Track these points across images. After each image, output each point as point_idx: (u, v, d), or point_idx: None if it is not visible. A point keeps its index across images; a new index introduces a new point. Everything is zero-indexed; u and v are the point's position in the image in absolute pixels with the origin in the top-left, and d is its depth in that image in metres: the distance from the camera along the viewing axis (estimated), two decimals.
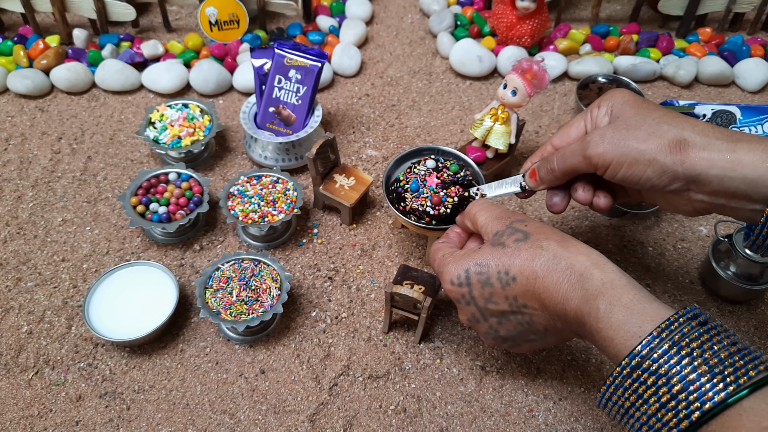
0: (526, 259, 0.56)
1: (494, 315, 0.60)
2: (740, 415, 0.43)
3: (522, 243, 0.57)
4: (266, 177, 0.83)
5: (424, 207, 0.72)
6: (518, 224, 0.60)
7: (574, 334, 0.57)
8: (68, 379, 0.71)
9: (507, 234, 0.59)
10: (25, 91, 0.98)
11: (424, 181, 0.74)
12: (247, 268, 0.74)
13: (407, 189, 0.74)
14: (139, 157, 0.93)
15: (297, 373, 0.72)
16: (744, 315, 0.78)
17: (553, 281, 0.54)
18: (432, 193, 0.73)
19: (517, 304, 0.58)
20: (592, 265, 0.53)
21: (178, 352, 0.73)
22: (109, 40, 1.04)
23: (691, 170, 0.55)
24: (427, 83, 1.05)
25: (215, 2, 1.01)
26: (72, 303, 0.77)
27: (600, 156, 0.59)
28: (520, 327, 0.60)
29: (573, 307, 0.53)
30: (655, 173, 0.57)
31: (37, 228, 0.84)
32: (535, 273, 0.55)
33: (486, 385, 0.71)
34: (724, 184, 0.55)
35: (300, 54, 0.88)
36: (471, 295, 0.60)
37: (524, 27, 1.03)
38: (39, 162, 0.91)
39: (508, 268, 0.57)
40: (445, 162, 0.77)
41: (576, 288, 0.53)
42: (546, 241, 0.56)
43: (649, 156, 0.56)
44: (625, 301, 0.50)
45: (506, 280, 0.57)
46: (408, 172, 0.76)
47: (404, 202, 0.74)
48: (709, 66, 1.03)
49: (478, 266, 0.59)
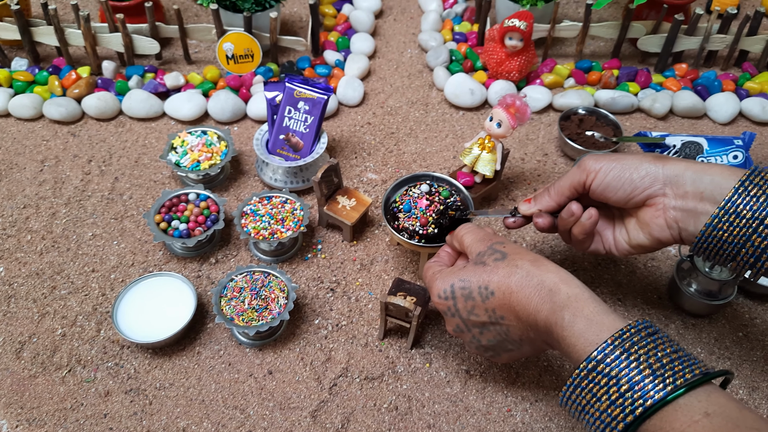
0: (503, 276, 0.63)
1: (476, 326, 0.67)
2: (676, 411, 0.50)
3: (500, 262, 0.65)
4: (276, 197, 0.92)
5: (414, 227, 0.81)
6: (498, 245, 0.68)
7: (544, 343, 0.64)
8: (98, 376, 0.79)
9: (488, 254, 0.67)
10: (59, 117, 1.08)
11: (416, 203, 0.83)
12: (258, 280, 0.83)
13: (401, 209, 0.83)
14: (162, 178, 1.02)
15: (301, 374, 0.80)
16: (705, 328, 0.86)
17: (526, 295, 0.61)
18: (421, 215, 0.82)
19: (496, 315, 0.65)
20: (560, 281, 0.61)
21: (195, 354, 0.82)
22: (135, 72, 1.14)
23: (670, 172, 0.66)
24: (424, 113, 1.15)
25: (232, 38, 1.11)
26: (101, 309, 0.86)
27: (593, 165, 0.70)
28: (498, 337, 0.67)
29: (543, 318, 0.60)
30: (639, 176, 0.67)
31: (70, 242, 0.93)
32: (510, 288, 0.63)
33: (470, 387, 0.79)
34: (696, 185, 0.65)
35: (308, 87, 0.98)
36: (456, 307, 0.67)
37: (512, 63, 1.12)
38: (71, 182, 1.01)
39: (488, 283, 0.64)
40: (438, 188, 0.86)
41: (545, 301, 0.60)
42: (521, 260, 0.64)
43: (636, 162, 0.68)
44: (587, 313, 0.57)
45: (486, 294, 0.64)
46: (404, 194, 0.85)
47: (397, 221, 0.83)
48: (683, 99, 1.12)
49: (462, 282, 0.66)
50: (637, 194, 0.68)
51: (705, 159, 0.99)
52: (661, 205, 0.68)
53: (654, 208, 0.68)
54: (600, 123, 1.07)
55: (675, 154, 1.00)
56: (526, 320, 0.62)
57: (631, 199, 0.69)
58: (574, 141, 1.03)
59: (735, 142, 0.99)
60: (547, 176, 1.04)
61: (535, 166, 1.06)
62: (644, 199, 0.69)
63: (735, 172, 0.64)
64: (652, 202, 0.68)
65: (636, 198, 0.69)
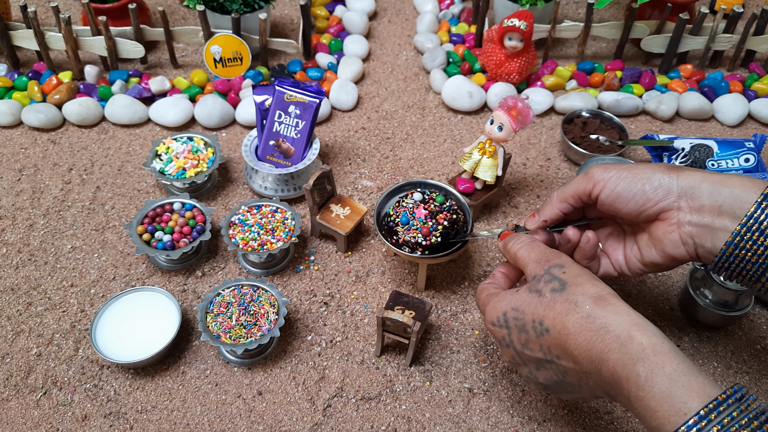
0: (559, 313, 0.56)
1: (532, 361, 0.60)
2: None
3: (557, 294, 0.57)
4: (266, 207, 0.88)
5: (416, 239, 0.76)
6: (556, 270, 0.59)
7: (607, 394, 0.55)
8: (75, 399, 0.74)
9: (545, 280, 0.59)
10: (38, 124, 1.03)
11: (413, 213, 0.78)
12: (246, 294, 0.78)
13: (398, 223, 0.78)
14: (146, 187, 0.97)
15: (293, 394, 0.75)
16: (721, 340, 0.81)
17: (586, 339, 0.53)
18: (422, 225, 0.77)
19: (551, 354, 0.57)
20: (632, 327, 0.52)
21: (180, 373, 0.77)
22: (119, 76, 1.10)
23: (685, 183, 0.60)
24: (421, 117, 1.10)
25: (220, 41, 1.06)
26: (79, 326, 0.81)
27: (601, 174, 0.65)
28: (555, 377, 0.59)
29: (608, 368, 0.52)
30: (652, 187, 0.62)
31: (48, 255, 0.88)
32: (567, 329, 0.55)
33: (473, 406, 0.75)
34: (714, 197, 0.59)
35: (299, 91, 0.93)
36: (510, 338, 0.61)
37: (512, 65, 1.08)
38: (50, 192, 0.96)
39: (542, 318, 0.57)
40: (431, 194, 0.81)
41: (612, 350, 0.51)
42: (582, 296, 0.55)
43: (649, 173, 0.62)
44: (669, 371, 0.49)
45: (540, 330, 0.57)
46: (397, 206, 0.80)
47: (396, 236, 0.78)
48: (690, 101, 1.08)
49: (515, 312, 0.60)
50: (650, 207, 0.63)
51: (715, 162, 0.94)
52: (675, 220, 0.62)
53: (667, 223, 0.63)
54: (605, 126, 1.02)
55: (684, 157, 0.96)
56: (586, 367, 0.54)
57: (643, 212, 0.63)
58: (578, 145, 0.99)
59: (746, 144, 0.95)
60: (551, 182, 0.99)
61: (537, 171, 1.01)
62: (657, 212, 0.63)
63: (757, 184, 0.58)
64: (665, 216, 0.63)
65: (648, 211, 0.63)
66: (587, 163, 0.95)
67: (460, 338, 0.81)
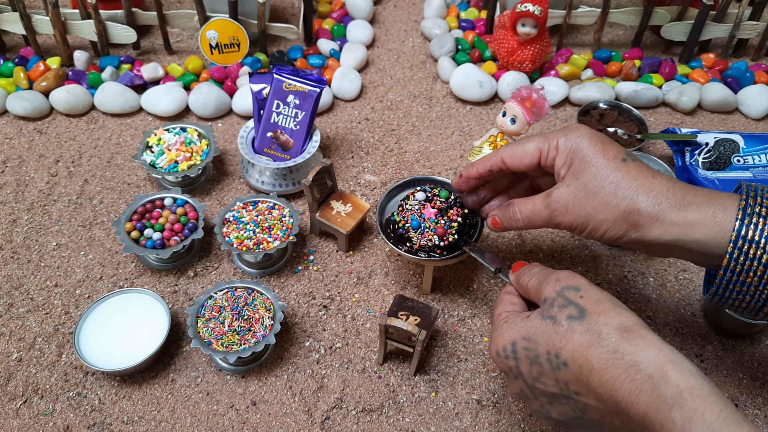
0: (580, 346, 0.49)
1: (544, 395, 0.54)
2: None
3: (576, 323, 0.50)
4: (262, 203, 0.82)
5: (433, 241, 0.71)
6: (571, 293, 0.53)
7: None
8: (56, 408, 0.70)
9: (558, 305, 0.53)
10: (24, 113, 0.98)
11: (422, 215, 0.72)
12: (240, 297, 0.73)
13: (408, 229, 0.72)
14: (136, 180, 0.92)
15: (289, 405, 0.70)
16: (747, 349, 0.76)
17: (613, 377, 0.47)
18: (434, 225, 0.71)
19: (569, 390, 0.51)
20: (666, 364, 0.46)
21: (169, 381, 0.72)
22: (110, 63, 1.04)
23: (644, 237, 0.56)
24: (428, 108, 1.04)
25: (216, 25, 1.01)
26: (63, 330, 0.76)
27: (566, 224, 0.60)
28: (572, 413, 0.53)
29: (639, 412, 0.46)
30: (611, 237, 0.58)
31: (31, 252, 0.83)
32: (590, 365, 0.49)
33: (482, 420, 0.70)
34: (678, 246, 0.55)
35: (299, 79, 0.88)
36: (518, 370, 0.54)
37: (525, 52, 1.02)
38: (35, 185, 0.91)
39: (559, 351, 0.51)
40: (434, 190, 0.75)
41: (644, 391, 0.46)
42: (605, 326, 0.49)
43: (606, 225, 0.57)
44: (709, 420, 0.43)
45: (556, 364, 0.51)
46: (401, 210, 0.74)
47: (410, 242, 0.72)
48: (713, 93, 1.02)
49: (526, 341, 0.53)
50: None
51: (741, 158, 0.89)
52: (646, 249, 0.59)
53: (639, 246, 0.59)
54: (623, 118, 0.96)
55: (708, 152, 0.90)
56: (612, 407, 0.48)
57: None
58: None
59: None
60: None
61: None
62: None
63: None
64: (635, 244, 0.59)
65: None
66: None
67: (468, 345, 0.76)
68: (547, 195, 0.61)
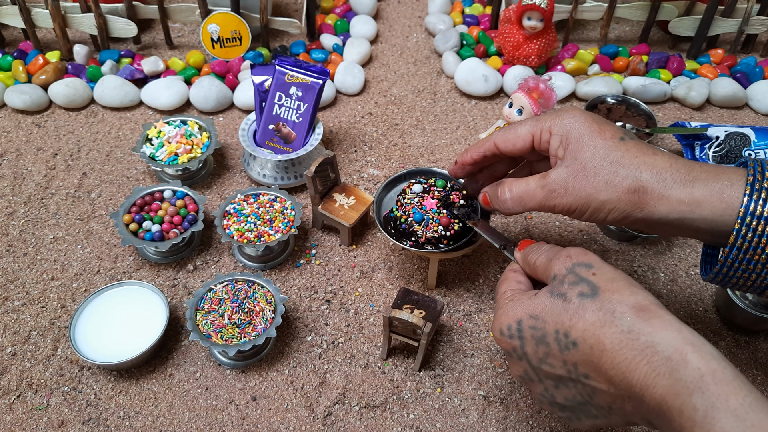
0: (591, 325, 0.46)
1: (550, 377, 0.51)
2: None
3: (588, 301, 0.47)
4: (264, 195, 0.81)
5: (438, 233, 0.69)
6: (582, 269, 0.50)
7: (647, 422, 0.47)
8: (51, 403, 0.68)
9: (569, 282, 0.49)
10: (22, 106, 0.96)
11: (422, 207, 0.70)
12: (241, 290, 0.71)
13: (412, 223, 0.71)
14: (136, 174, 0.90)
15: (290, 400, 0.68)
16: (761, 345, 0.74)
17: (627, 359, 0.44)
18: (438, 216, 0.69)
19: (577, 372, 0.48)
20: (685, 347, 0.43)
21: (167, 376, 0.70)
22: (110, 56, 1.03)
23: (650, 216, 0.53)
24: (432, 102, 1.03)
25: (218, 19, 0.99)
26: (59, 324, 0.74)
27: (565, 206, 0.56)
28: (579, 398, 0.50)
29: (655, 396, 0.43)
30: (615, 218, 0.55)
31: (28, 245, 0.81)
32: (602, 345, 0.45)
33: (489, 416, 0.68)
34: (685, 224, 0.52)
35: (301, 71, 0.86)
36: (523, 350, 0.51)
37: (531, 46, 1.01)
38: (33, 178, 0.89)
39: (568, 329, 0.48)
40: (429, 180, 0.74)
41: (661, 374, 0.43)
42: (620, 305, 0.46)
43: (610, 205, 0.54)
44: (734, 406, 0.40)
45: (565, 344, 0.48)
46: (400, 205, 0.72)
47: (416, 236, 0.70)
48: (722, 87, 1.00)
49: (533, 320, 0.50)
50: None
51: (752, 152, 0.87)
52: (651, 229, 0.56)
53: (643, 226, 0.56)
54: (631, 113, 0.95)
55: (718, 146, 0.88)
56: (624, 390, 0.45)
57: None
58: None
59: None
60: None
61: None
62: None
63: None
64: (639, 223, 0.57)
65: None
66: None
67: (474, 341, 0.73)
68: (543, 176, 0.58)
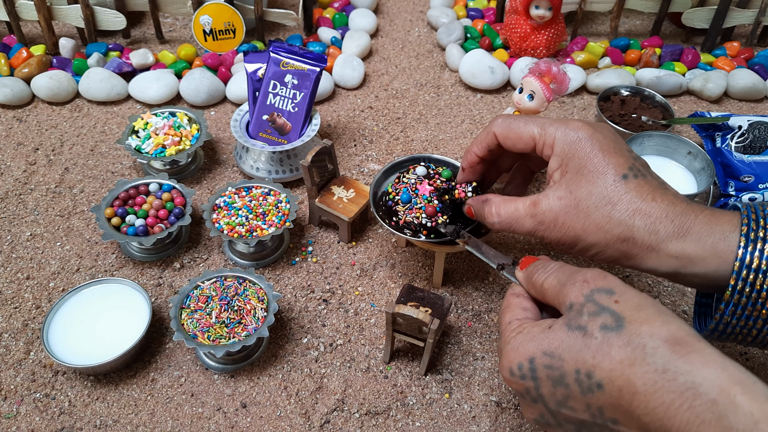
0: (619, 363, 0.40)
1: (571, 422, 0.45)
2: None
3: (613, 334, 0.41)
4: (256, 188, 0.75)
5: (420, 219, 0.63)
6: (603, 298, 0.43)
7: None
8: (21, 411, 0.61)
9: (588, 312, 0.43)
10: (3, 100, 0.91)
11: (416, 190, 0.65)
12: (231, 287, 0.65)
13: (398, 201, 0.65)
14: (121, 169, 0.85)
15: (284, 407, 0.62)
16: None
17: (663, 403, 0.38)
18: (426, 203, 0.64)
19: (603, 417, 0.42)
20: (733, 387, 0.37)
21: (149, 381, 0.64)
22: (97, 49, 0.98)
23: (638, 266, 0.51)
24: (435, 96, 0.98)
25: (210, 10, 0.95)
26: (33, 325, 0.68)
27: (553, 240, 0.54)
28: None
29: None
30: (603, 260, 0.52)
31: (2, 243, 0.76)
32: (633, 386, 0.39)
33: (502, 424, 0.61)
34: (678, 278, 0.50)
35: (297, 58, 0.81)
36: (538, 392, 0.45)
37: (539, 37, 0.96)
38: (11, 173, 0.84)
39: (591, 369, 0.41)
40: (437, 168, 0.68)
41: (706, 422, 0.37)
42: (651, 338, 0.40)
43: (597, 249, 0.51)
44: None
45: (588, 385, 0.41)
46: (397, 182, 0.67)
47: (396, 216, 0.65)
48: (741, 79, 0.95)
49: (548, 357, 0.43)
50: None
51: None
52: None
53: None
54: (646, 104, 0.90)
55: (741, 136, 0.83)
56: None
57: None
58: (617, 124, 0.86)
59: None
60: None
61: None
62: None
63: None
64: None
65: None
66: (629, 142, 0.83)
67: (484, 342, 0.67)
68: (534, 204, 0.53)
